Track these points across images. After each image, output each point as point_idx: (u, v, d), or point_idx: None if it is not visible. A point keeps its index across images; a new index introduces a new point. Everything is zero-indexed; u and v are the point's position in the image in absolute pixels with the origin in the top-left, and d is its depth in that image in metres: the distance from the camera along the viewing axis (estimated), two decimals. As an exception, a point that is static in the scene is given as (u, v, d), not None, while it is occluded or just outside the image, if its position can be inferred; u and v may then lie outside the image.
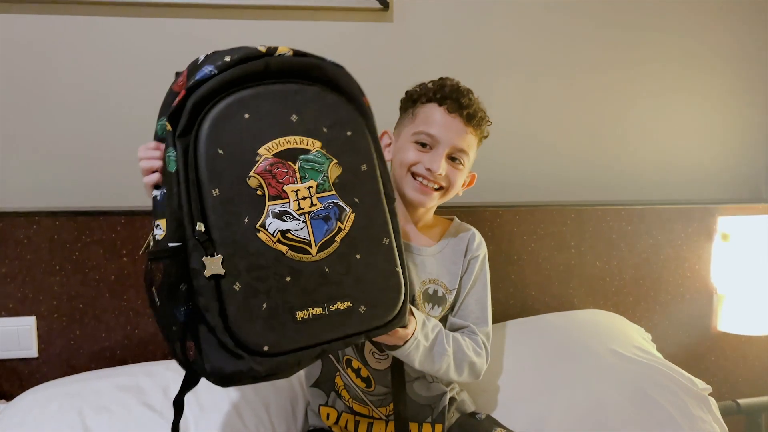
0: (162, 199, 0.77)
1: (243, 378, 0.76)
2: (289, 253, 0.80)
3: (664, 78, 1.76)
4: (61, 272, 1.40)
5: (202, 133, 0.78)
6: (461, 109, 1.12)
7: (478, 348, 1.16)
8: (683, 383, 1.32)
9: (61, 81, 1.47)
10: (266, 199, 0.79)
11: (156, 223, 0.77)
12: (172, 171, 0.76)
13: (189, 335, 0.76)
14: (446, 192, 1.16)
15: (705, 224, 1.71)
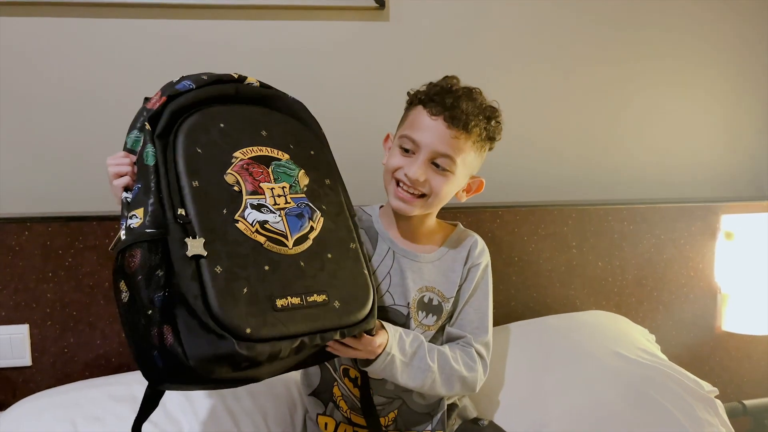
0: (137, 192, 0.79)
1: (223, 361, 0.74)
2: (267, 244, 0.83)
3: (666, 75, 1.74)
4: (54, 279, 1.38)
5: (180, 134, 0.83)
6: (444, 111, 1.05)
7: (470, 361, 1.13)
8: (689, 386, 1.30)
9: (53, 83, 1.45)
10: (243, 193, 0.83)
11: (130, 214, 0.78)
12: (151, 164, 0.80)
13: (165, 320, 0.75)
14: (430, 200, 1.09)
15: (708, 223, 1.69)
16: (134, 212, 0.78)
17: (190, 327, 0.74)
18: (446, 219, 1.28)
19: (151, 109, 0.84)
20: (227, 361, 0.75)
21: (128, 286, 0.77)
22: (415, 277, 1.15)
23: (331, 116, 1.54)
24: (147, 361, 0.77)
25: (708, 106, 1.78)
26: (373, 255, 1.16)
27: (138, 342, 0.78)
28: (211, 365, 0.74)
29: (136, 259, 0.76)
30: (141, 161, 0.81)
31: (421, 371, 1.05)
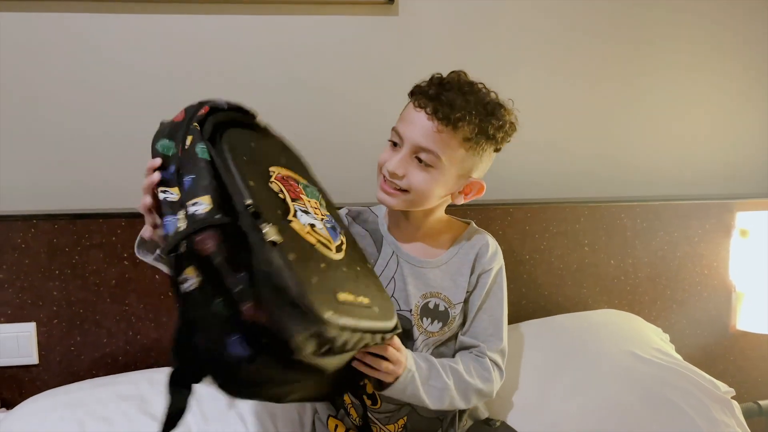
0: (191, 183, 0.78)
1: (313, 339, 0.74)
2: (318, 245, 0.84)
3: (680, 70, 1.71)
4: (61, 277, 1.37)
5: (224, 143, 0.84)
6: (429, 103, 1.00)
7: (485, 372, 1.11)
8: (705, 386, 1.28)
9: (59, 81, 1.43)
10: (288, 200, 0.85)
11: (192, 202, 0.76)
12: (206, 158, 0.80)
13: (255, 298, 0.73)
14: (411, 196, 1.05)
15: (723, 220, 1.67)
16: (198, 199, 0.77)
17: (279, 305, 0.73)
18: (456, 215, 1.26)
19: (177, 122, 0.87)
20: (316, 338, 0.74)
21: (201, 271, 0.75)
22: (418, 283, 1.12)
23: (340, 111, 1.55)
24: (217, 351, 0.74)
25: (723, 102, 1.75)
26: (377, 258, 1.14)
27: (208, 331, 0.75)
28: (303, 342, 0.73)
29: (211, 242, 0.74)
30: (192, 155, 0.81)
31: (438, 390, 1.03)
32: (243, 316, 0.73)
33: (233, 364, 0.74)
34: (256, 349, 0.74)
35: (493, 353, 1.13)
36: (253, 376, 0.76)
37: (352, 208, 1.23)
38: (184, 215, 0.77)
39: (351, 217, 1.20)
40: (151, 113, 1.44)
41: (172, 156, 0.84)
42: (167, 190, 0.81)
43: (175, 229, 0.77)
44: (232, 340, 0.74)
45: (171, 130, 0.86)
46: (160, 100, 1.47)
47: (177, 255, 0.75)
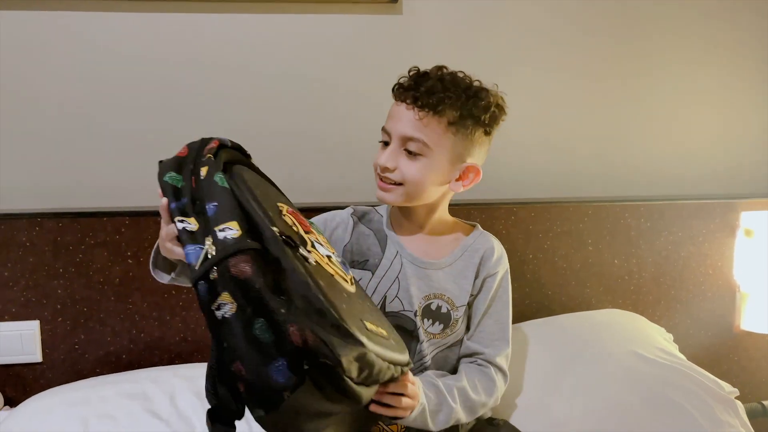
0: (215, 210, 0.78)
1: (358, 362, 0.74)
2: (336, 276, 0.84)
3: (684, 68, 1.70)
4: (65, 275, 1.38)
5: (235, 175, 0.85)
6: (409, 93, 1.01)
7: (489, 383, 1.11)
8: (709, 386, 1.27)
9: (63, 79, 1.44)
10: (302, 232, 0.85)
11: (221, 227, 0.75)
12: (227, 186, 0.80)
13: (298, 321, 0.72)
14: (407, 187, 1.06)
15: (727, 220, 1.66)
16: (226, 225, 0.75)
17: (323, 327, 0.72)
18: (460, 215, 1.26)
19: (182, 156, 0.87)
20: (358, 362, 0.74)
21: (240, 296, 0.73)
22: (421, 284, 1.12)
23: (343, 111, 1.55)
24: (261, 379, 0.72)
25: (728, 100, 1.74)
26: (381, 258, 1.14)
27: (250, 359, 0.72)
28: (349, 364, 0.73)
29: (247, 266, 0.72)
30: (211, 184, 0.80)
31: (445, 414, 1.04)
32: (290, 339, 0.71)
33: (277, 391, 0.72)
34: (299, 375, 0.72)
35: (499, 358, 1.13)
36: (295, 406, 0.74)
37: (357, 207, 1.23)
38: (212, 241, 0.75)
39: (356, 216, 1.20)
40: (155, 112, 1.47)
41: (182, 188, 0.83)
42: (185, 220, 0.80)
43: (202, 256, 0.75)
44: (276, 366, 0.72)
45: (176, 164, 0.86)
46: (164, 99, 1.47)
47: (208, 282, 0.73)
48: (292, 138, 1.54)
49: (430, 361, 1.13)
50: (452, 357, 1.16)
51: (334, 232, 1.17)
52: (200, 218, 0.79)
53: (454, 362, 1.17)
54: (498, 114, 1.08)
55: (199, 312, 1.38)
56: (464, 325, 1.15)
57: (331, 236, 1.17)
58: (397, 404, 0.93)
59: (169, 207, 0.82)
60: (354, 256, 1.15)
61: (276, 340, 0.72)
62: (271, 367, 0.72)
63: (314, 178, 1.56)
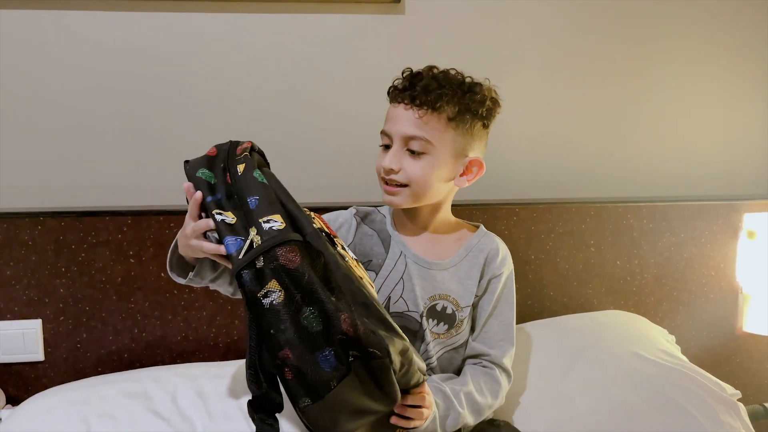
0: (257, 203, 0.80)
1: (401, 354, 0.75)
2: (363, 279, 0.84)
3: (687, 69, 1.70)
4: (67, 274, 1.38)
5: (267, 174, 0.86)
6: (405, 94, 1.02)
7: (495, 384, 1.12)
8: (711, 388, 1.27)
9: (66, 79, 1.44)
10: (331, 235, 0.86)
11: (266, 219, 0.78)
12: (265, 182, 0.82)
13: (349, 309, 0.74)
14: (413, 188, 1.06)
15: (730, 221, 1.65)
16: (271, 217, 0.78)
17: (370, 318, 0.74)
18: (462, 216, 1.26)
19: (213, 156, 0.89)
20: (401, 356, 0.75)
21: (290, 284, 0.74)
22: (426, 284, 1.12)
23: (345, 110, 1.55)
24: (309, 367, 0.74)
25: (731, 101, 1.73)
26: (385, 259, 1.14)
27: (297, 346, 0.74)
28: (395, 355, 0.74)
29: (297, 255, 0.74)
30: (251, 180, 0.82)
31: (453, 419, 1.05)
32: (341, 327, 0.72)
33: (325, 380, 0.74)
34: (346, 366, 0.74)
35: (504, 359, 1.13)
36: (338, 398, 0.75)
37: (360, 207, 1.22)
38: (257, 231, 0.77)
39: (359, 216, 1.20)
40: (157, 112, 1.47)
41: (215, 184, 0.85)
42: (222, 214, 0.81)
43: (246, 245, 0.77)
44: (324, 355, 0.73)
45: (207, 162, 0.88)
46: (166, 98, 1.48)
47: (255, 270, 0.75)
48: (295, 137, 1.54)
49: (436, 361, 1.14)
50: (458, 358, 1.16)
51: (338, 232, 1.17)
52: (237, 212, 0.81)
53: (459, 363, 1.17)
54: (493, 107, 1.09)
55: (200, 311, 1.39)
56: (469, 326, 1.15)
57: None
58: (417, 417, 0.93)
59: (204, 201, 0.83)
60: (357, 257, 1.15)
61: (324, 329, 0.74)
62: (319, 355, 0.73)
63: (317, 177, 1.56)
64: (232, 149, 0.89)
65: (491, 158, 1.15)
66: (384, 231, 1.17)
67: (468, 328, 1.15)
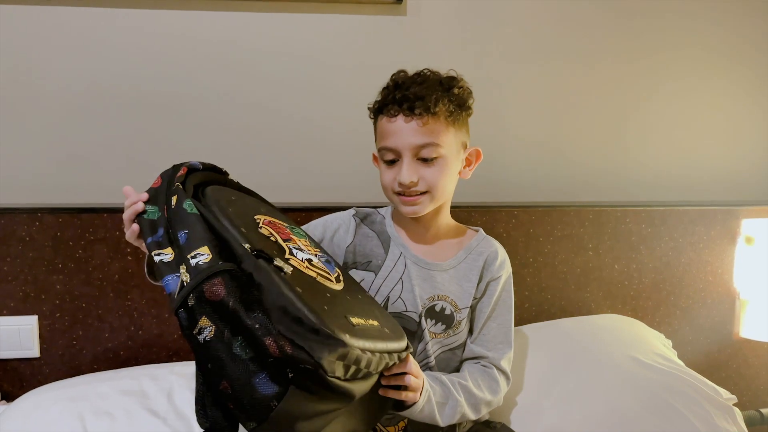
0: (186, 238, 0.80)
1: (341, 360, 0.75)
2: (319, 278, 0.85)
3: (687, 72, 1.70)
4: (64, 271, 1.37)
5: (207, 198, 0.88)
6: (399, 107, 1.03)
7: (493, 383, 1.12)
8: (707, 393, 1.27)
9: (64, 75, 1.43)
10: (280, 241, 0.87)
11: (192, 254, 0.78)
12: (196, 212, 0.82)
13: (275, 333, 0.74)
14: (434, 193, 1.07)
15: (728, 227, 1.66)
16: (197, 251, 0.78)
17: (301, 334, 0.73)
18: (461, 218, 1.26)
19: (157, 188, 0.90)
20: (342, 360, 0.75)
21: (217, 318, 0.75)
22: (425, 285, 1.12)
23: (347, 112, 1.54)
24: (247, 394, 0.75)
25: (731, 107, 1.73)
26: (385, 260, 1.14)
27: (234, 377, 0.75)
28: (331, 364, 0.74)
29: (220, 287, 0.75)
30: (181, 212, 0.83)
31: (451, 408, 1.05)
32: (268, 351, 0.73)
33: (265, 403, 0.74)
34: (284, 384, 0.75)
35: (502, 361, 1.14)
36: (286, 412, 0.76)
37: (359, 209, 1.22)
38: (186, 269, 0.78)
39: (359, 218, 1.20)
40: (156, 109, 1.47)
41: (158, 219, 0.86)
42: (161, 252, 0.82)
43: (179, 285, 0.78)
44: (259, 379, 0.74)
45: (152, 195, 0.88)
46: (165, 96, 1.47)
47: (187, 309, 0.76)
48: (295, 138, 1.54)
49: (434, 361, 1.14)
50: (455, 359, 1.16)
51: (336, 233, 1.17)
52: (175, 247, 0.82)
53: (457, 365, 1.17)
54: (471, 95, 1.12)
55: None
56: (467, 327, 1.16)
57: (332, 238, 1.17)
58: (402, 383, 0.93)
59: (146, 244, 0.85)
60: (357, 258, 1.15)
61: (255, 355, 0.75)
62: (255, 380, 0.74)
63: (318, 177, 1.56)
64: (172, 177, 0.90)
65: (490, 161, 1.15)
66: (384, 232, 1.17)
67: (466, 330, 1.16)
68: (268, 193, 1.09)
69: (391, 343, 0.87)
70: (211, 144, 1.50)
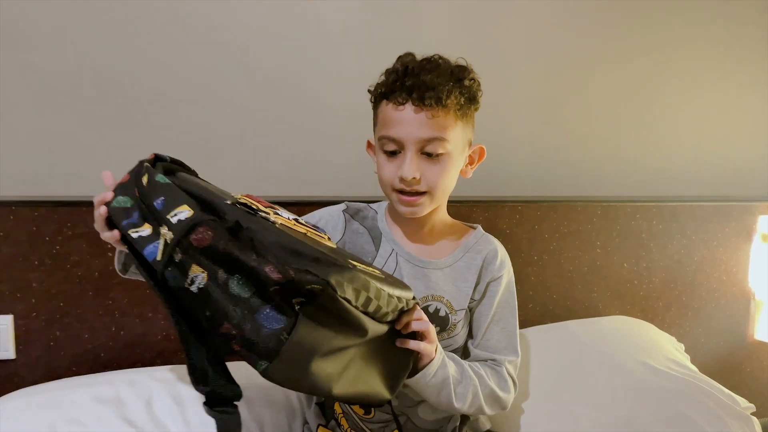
0: (162, 203, 0.79)
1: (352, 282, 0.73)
2: (310, 233, 0.83)
3: (699, 63, 1.67)
4: (41, 268, 1.31)
5: (178, 176, 0.86)
6: (409, 95, 0.96)
7: (502, 381, 1.05)
8: (724, 402, 1.23)
9: (40, 60, 1.36)
10: (262, 208, 0.83)
11: (172, 213, 0.76)
12: (168, 182, 0.81)
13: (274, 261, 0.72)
14: (435, 194, 1.00)
15: (744, 223, 1.64)
16: (177, 209, 0.76)
17: (302, 263, 0.71)
18: (461, 213, 1.21)
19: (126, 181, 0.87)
20: (351, 284, 0.73)
21: (209, 262, 0.73)
22: (419, 284, 1.05)
23: (345, 100, 1.48)
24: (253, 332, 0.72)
25: (745, 98, 1.73)
26: (375, 257, 1.08)
27: (237, 314, 0.72)
28: (340, 283, 0.72)
29: (208, 232, 0.72)
30: (154, 185, 0.81)
31: (465, 387, 0.99)
32: (269, 278, 0.70)
33: (275, 337, 0.72)
34: (291, 315, 0.72)
35: (509, 366, 1.07)
36: (298, 347, 0.73)
37: (350, 203, 1.16)
38: (167, 228, 0.75)
39: (349, 213, 1.13)
40: (140, 97, 1.40)
41: (131, 206, 0.84)
42: (138, 230, 0.80)
43: (161, 246, 0.76)
44: (264, 314, 0.72)
45: (121, 189, 0.87)
46: (150, 83, 1.41)
47: (174, 264, 0.74)
48: (292, 128, 1.49)
49: None
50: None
51: (324, 229, 1.10)
52: (152, 222, 0.80)
53: None
54: (480, 87, 1.05)
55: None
56: (464, 331, 1.09)
57: None
58: (419, 327, 0.88)
59: (121, 229, 0.83)
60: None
61: (257, 290, 0.72)
62: (259, 316, 0.72)
63: (310, 169, 1.51)
64: (139, 168, 0.89)
65: (492, 153, 1.10)
66: (375, 228, 1.11)
67: (463, 334, 1.09)
68: (258, 187, 1.03)
69: (397, 290, 0.83)
70: (197, 134, 1.44)
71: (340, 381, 0.79)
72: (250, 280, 0.72)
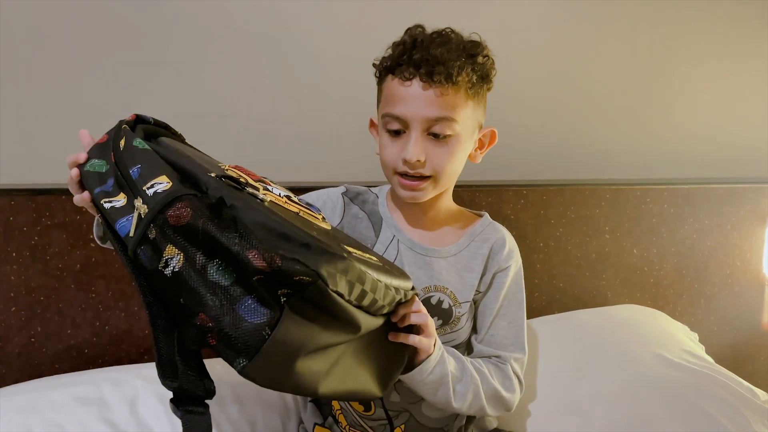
0: (140, 171, 0.73)
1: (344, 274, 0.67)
2: (302, 212, 0.77)
3: (712, 40, 1.62)
4: (18, 260, 1.25)
5: (160, 141, 0.81)
6: (418, 71, 0.89)
7: (507, 380, 1.00)
8: (743, 395, 1.18)
9: (14, 35, 1.29)
10: (251, 181, 0.76)
11: (148, 185, 0.71)
12: (148, 148, 0.76)
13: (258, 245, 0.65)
14: (440, 179, 0.94)
15: (759, 207, 1.59)
16: (154, 180, 0.70)
17: (290, 249, 0.64)
18: (463, 198, 1.16)
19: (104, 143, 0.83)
20: (346, 275, 0.67)
21: (187, 243, 0.66)
22: (421, 273, 1.00)
23: (344, 88, 1.43)
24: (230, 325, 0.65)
25: (760, 76, 1.67)
26: (375, 243, 1.02)
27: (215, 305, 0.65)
28: (333, 276, 0.65)
29: (186, 209, 0.66)
30: (131, 151, 0.76)
31: (465, 386, 0.93)
32: (252, 265, 0.63)
33: (256, 332, 0.65)
34: (276, 308, 0.65)
35: (515, 363, 1.02)
36: (282, 344, 0.66)
37: (350, 187, 1.10)
38: (142, 201, 0.69)
39: (348, 197, 1.08)
40: (116, 79, 1.33)
41: (106, 171, 0.79)
42: (111, 200, 0.74)
43: (135, 220, 0.69)
44: (245, 305, 0.65)
45: (98, 150, 0.82)
46: (130, 63, 1.35)
47: (148, 242, 0.68)
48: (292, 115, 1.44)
49: None
50: None
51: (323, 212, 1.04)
52: (126, 191, 0.74)
53: None
54: (493, 64, 0.98)
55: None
56: (468, 326, 1.04)
57: None
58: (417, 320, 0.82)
59: (93, 196, 0.77)
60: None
61: (238, 277, 0.66)
62: (239, 307, 0.66)
63: (305, 154, 1.46)
64: (118, 129, 0.83)
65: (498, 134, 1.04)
66: (375, 213, 1.06)
67: (467, 328, 1.04)
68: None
69: (395, 280, 0.77)
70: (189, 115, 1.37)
71: (327, 379, 0.72)
72: (231, 266, 0.66)
